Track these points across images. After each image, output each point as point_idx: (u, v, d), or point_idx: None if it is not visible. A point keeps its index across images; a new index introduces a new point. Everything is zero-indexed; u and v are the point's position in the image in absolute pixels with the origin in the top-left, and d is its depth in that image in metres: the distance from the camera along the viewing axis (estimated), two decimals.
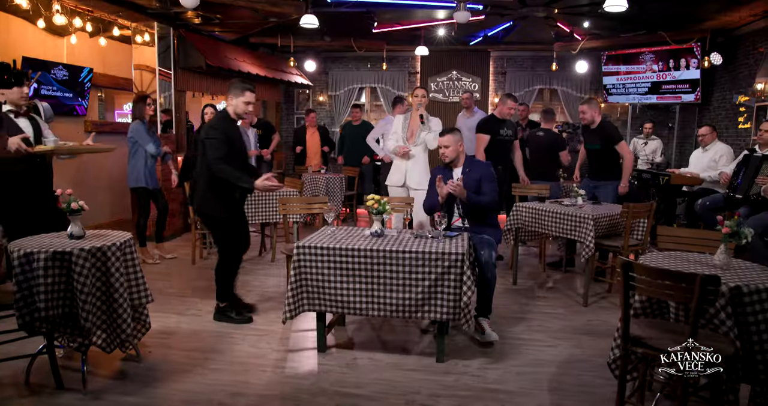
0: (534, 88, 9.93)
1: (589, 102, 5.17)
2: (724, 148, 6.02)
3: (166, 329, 3.67)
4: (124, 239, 2.91)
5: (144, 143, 5.09)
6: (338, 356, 3.32)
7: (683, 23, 7.43)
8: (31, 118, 4.01)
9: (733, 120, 7.44)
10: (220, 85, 7.23)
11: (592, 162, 5.43)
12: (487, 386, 2.97)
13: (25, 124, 3.93)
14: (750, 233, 2.50)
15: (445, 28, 7.83)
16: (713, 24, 7.20)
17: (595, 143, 5.20)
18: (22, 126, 3.88)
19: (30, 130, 3.91)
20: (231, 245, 3.85)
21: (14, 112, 3.91)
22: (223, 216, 3.76)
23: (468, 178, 3.77)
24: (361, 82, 10.29)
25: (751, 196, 4.91)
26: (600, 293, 4.70)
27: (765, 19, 6.67)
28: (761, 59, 6.74)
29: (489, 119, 5.63)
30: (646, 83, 8.67)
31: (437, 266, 3.09)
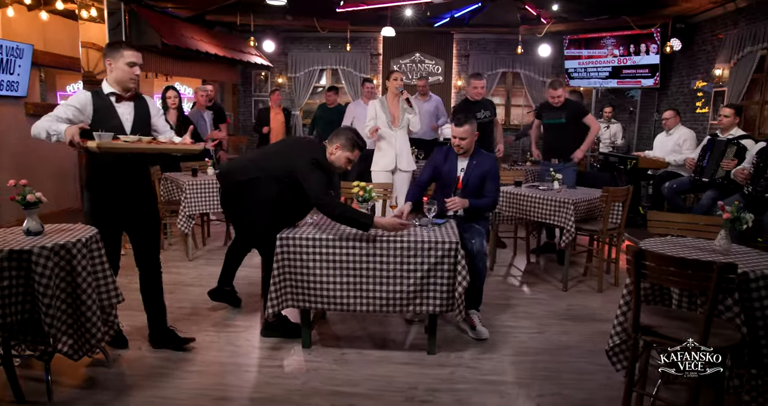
0: (497, 72, 9.92)
1: (562, 85, 5.13)
2: (688, 132, 6.15)
3: (133, 329, 3.39)
4: (90, 234, 2.62)
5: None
6: (325, 352, 3.16)
7: (646, 8, 7.53)
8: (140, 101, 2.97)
9: (690, 104, 7.64)
10: (176, 66, 6.80)
11: (553, 139, 5.28)
12: (484, 378, 2.89)
13: (128, 111, 2.88)
14: (750, 217, 2.49)
15: (413, 7, 7.64)
16: (675, 10, 7.33)
17: (559, 118, 5.11)
18: (122, 112, 2.86)
19: (130, 117, 2.88)
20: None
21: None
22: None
23: (473, 172, 3.63)
24: (321, 63, 9.99)
25: (717, 179, 5.03)
26: (576, 277, 4.72)
27: (723, 7, 6.83)
28: (720, 46, 6.91)
29: (462, 104, 5.53)
30: (607, 68, 8.79)
31: (430, 256, 2.96)
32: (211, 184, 4.88)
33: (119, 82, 2.82)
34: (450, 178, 3.70)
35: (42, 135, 2.59)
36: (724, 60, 6.67)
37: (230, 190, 3.33)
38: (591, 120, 5.17)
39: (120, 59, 2.78)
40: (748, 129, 6.20)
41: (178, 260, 5.00)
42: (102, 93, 2.82)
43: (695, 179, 5.30)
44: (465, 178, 3.67)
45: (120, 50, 2.78)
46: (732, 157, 4.88)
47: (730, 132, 5.19)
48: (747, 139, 5.05)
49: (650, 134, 8.67)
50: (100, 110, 2.77)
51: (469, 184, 3.65)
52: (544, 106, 5.29)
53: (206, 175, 5.15)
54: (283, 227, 3.15)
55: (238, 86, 9.67)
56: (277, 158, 3.26)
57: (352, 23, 8.81)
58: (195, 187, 4.85)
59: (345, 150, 3.23)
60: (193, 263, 4.92)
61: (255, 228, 3.28)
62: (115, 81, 2.82)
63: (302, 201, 3.21)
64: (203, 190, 4.88)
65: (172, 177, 5.24)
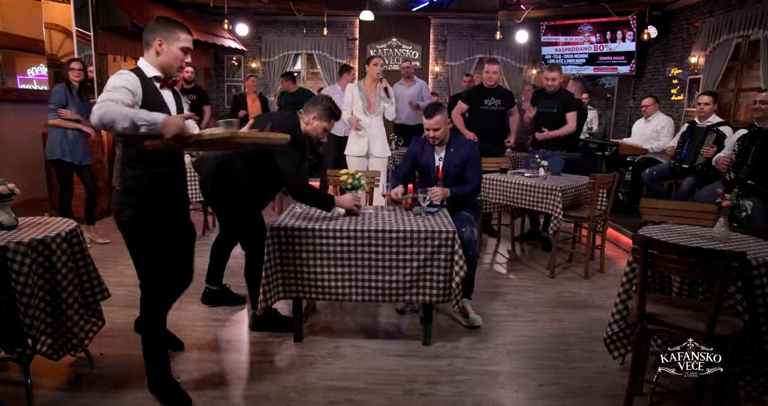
0: (474, 57, 9.87)
1: (559, 69, 5.09)
2: (666, 119, 6.23)
3: (113, 325, 3.22)
4: (70, 228, 2.46)
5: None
6: (318, 346, 3.07)
7: None
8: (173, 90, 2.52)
9: (666, 92, 7.74)
10: None
11: (543, 127, 5.22)
12: (483, 369, 2.85)
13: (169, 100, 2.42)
14: (750, 205, 2.50)
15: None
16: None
17: (551, 107, 5.10)
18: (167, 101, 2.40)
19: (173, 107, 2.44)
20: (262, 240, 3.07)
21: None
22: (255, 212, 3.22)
23: (452, 161, 3.56)
24: (296, 48, 9.74)
25: (696, 166, 5.10)
26: (561, 264, 4.73)
27: None
28: (695, 34, 7.00)
29: (474, 90, 5.56)
30: (584, 54, 8.84)
31: (426, 246, 2.89)
32: (188, 172, 4.68)
33: (165, 68, 2.32)
34: (429, 168, 3.64)
35: (123, 124, 2.03)
36: (700, 48, 6.76)
37: (207, 175, 3.20)
38: (571, 118, 5.06)
39: (175, 43, 2.30)
40: (723, 116, 6.31)
41: None
42: (144, 75, 2.28)
43: (675, 166, 5.36)
44: (444, 167, 3.60)
45: (177, 32, 2.31)
46: (711, 145, 4.95)
47: (708, 119, 5.26)
48: (724, 126, 5.13)
49: (626, 121, 8.78)
50: (148, 96, 2.25)
51: (450, 172, 3.59)
52: (540, 93, 5.25)
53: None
54: (259, 208, 3.16)
55: (210, 71, 9.36)
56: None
57: (329, 7, 8.60)
58: None
59: (322, 120, 3.12)
60: None
61: (234, 213, 3.17)
62: (161, 65, 2.31)
63: (276, 180, 3.13)
64: None
65: None
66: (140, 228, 2.32)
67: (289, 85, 7.42)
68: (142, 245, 2.34)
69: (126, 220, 2.31)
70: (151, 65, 2.31)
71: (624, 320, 2.68)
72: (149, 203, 2.32)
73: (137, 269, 2.40)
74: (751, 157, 4.09)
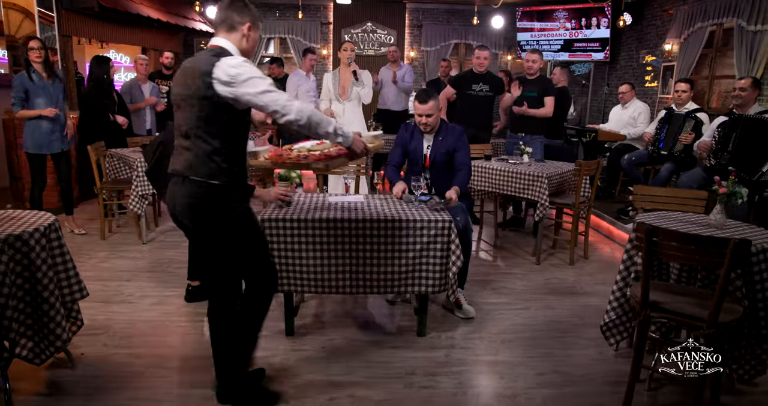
0: (450, 43, 9.78)
1: (540, 53, 5.08)
2: (642, 105, 6.31)
3: (94, 322, 3.07)
4: (49, 222, 2.29)
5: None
6: (310, 339, 2.99)
7: None
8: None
9: (640, 78, 7.83)
10: (114, 31, 6.18)
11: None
12: (480, 359, 2.83)
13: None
14: (746, 192, 2.51)
15: None
16: None
17: (532, 91, 5.08)
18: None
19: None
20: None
21: None
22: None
23: (439, 149, 3.48)
24: (269, 32, 9.46)
25: (675, 152, 5.17)
26: (546, 250, 4.75)
27: None
28: (670, 21, 7.07)
29: (464, 74, 5.50)
30: (559, 40, 8.86)
31: (422, 235, 2.82)
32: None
33: (245, 55, 2.13)
34: (417, 155, 3.56)
35: (327, 129, 2.07)
36: (674, 35, 6.84)
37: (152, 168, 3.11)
38: (548, 102, 5.04)
39: (256, 29, 2.14)
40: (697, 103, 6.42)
41: (131, 243, 4.62)
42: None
43: (653, 152, 5.43)
44: (432, 155, 3.53)
45: (258, 19, 2.16)
46: (689, 131, 5.02)
47: (685, 106, 5.33)
48: (701, 112, 5.21)
49: (600, 107, 8.88)
50: None
51: (436, 160, 3.52)
52: (521, 79, 5.22)
53: None
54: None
55: (180, 55, 9.00)
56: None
57: None
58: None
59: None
60: (148, 247, 4.56)
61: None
62: (243, 51, 2.12)
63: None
64: None
65: (119, 154, 4.81)
66: (251, 219, 2.20)
67: (280, 71, 7.22)
68: (253, 235, 2.21)
69: (228, 216, 2.13)
70: (236, 50, 2.10)
71: (621, 308, 2.68)
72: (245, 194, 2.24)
73: (246, 267, 2.23)
74: (732, 143, 4.16)
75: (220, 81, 1.96)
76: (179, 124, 2.11)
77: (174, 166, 2.13)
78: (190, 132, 2.05)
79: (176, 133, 2.14)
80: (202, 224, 2.11)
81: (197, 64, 2.02)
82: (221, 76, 1.95)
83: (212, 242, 2.17)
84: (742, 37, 5.60)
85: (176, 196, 2.11)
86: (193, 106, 2.02)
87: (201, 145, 2.04)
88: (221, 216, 2.10)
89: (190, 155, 2.06)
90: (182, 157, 2.09)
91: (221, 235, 2.13)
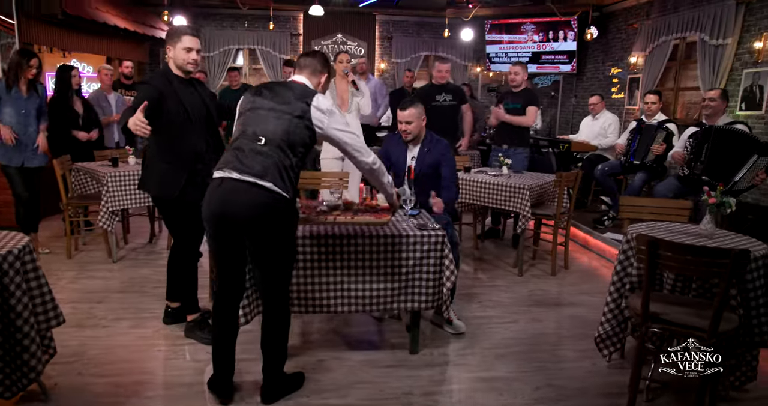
0: (420, 55, 9.84)
1: (522, 64, 5.13)
2: (612, 117, 6.45)
3: (66, 349, 2.87)
4: (22, 244, 2.13)
5: None
6: (300, 360, 2.88)
7: None
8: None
9: (606, 90, 8.04)
10: (78, 40, 5.94)
11: (506, 124, 5.17)
12: (476, 375, 2.77)
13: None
14: (733, 201, 2.56)
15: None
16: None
17: (516, 103, 5.11)
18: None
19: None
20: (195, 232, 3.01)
21: None
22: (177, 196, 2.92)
23: (425, 161, 3.44)
24: (238, 42, 9.31)
25: (647, 162, 5.29)
26: (526, 261, 4.76)
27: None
28: (635, 35, 7.30)
29: (424, 87, 5.49)
30: (527, 53, 9.03)
31: (416, 251, 2.77)
32: (134, 175, 4.31)
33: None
34: (399, 167, 3.51)
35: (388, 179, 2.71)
36: (639, 48, 7.06)
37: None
38: (530, 112, 5.08)
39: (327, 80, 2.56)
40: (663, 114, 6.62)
41: (100, 262, 4.41)
42: None
43: (625, 162, 5.54)
44: (417, 167, 3.49)
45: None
46: (661, 142, 5.15)
47: (655, 117, 5.47)
48: (670, 123, 5.35)
49: (569, 118, 9.07)
50: None
51: (422, 173, 3.48)
52: (507, 92, 5.28)
53: (128, 166, 4.56)
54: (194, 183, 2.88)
55: (145, 66, 8.76)
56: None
57: (275, 1, 8.27)
58: (117, 179, 4.27)
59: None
60: (119, 265, 4.36)
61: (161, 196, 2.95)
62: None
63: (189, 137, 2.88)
64: (126, 182, 4.31)
65: (86, 168, 4.58)
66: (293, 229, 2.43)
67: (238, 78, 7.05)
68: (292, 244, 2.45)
69: (287, 229, 2.34)
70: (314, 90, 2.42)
71: (616, 319, 2.69)
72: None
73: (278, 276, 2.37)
74: (704, 154, 4.27)
75: (318, 108, 2.27)
76: (252, 129, 2.26)
77: (238, 165, 2.20)
78: (272, 141, 2.22)
79: (244, 136, 2.27)
80: (268, 230, 2.24)
81: (295, 87, 2.34)
82: (320, 105, 2.28)
83: (270, 250, 2.29)
84: (705, 50, 5.81)
85: (240, 199, 2.18)
86: (281, 120, 2.24)
87: (281, 156, 2.22)
88: (286, 227, 2.31)
89: (268, 162, 2.20)
90: (256, 160, 2.20)
91: (281, 244, 2.31)
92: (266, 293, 2.40)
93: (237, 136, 2.32)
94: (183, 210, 2.94)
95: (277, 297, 2.39)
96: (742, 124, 4.27)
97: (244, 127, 2.30)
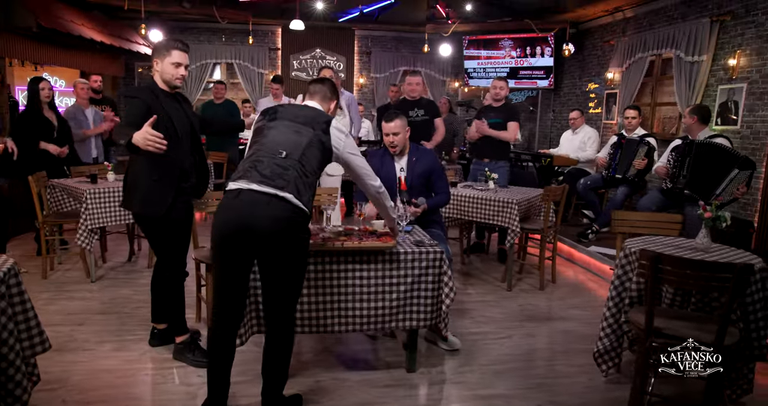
0: (398, 70, 9.88)
1: (505, 80, 5.18)
2: (592, 131, 6.57)
3: (48, 375, 2.72)
4: (7, 266, 2.02)
5: None
6: (296, 381, 2.79)
7: (545, 13, 7.93)
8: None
9: (583, 105, 8.20)
10: (52, 53, 5.78)
11: (487, 138, 5.15)
12: (476, 394, 2.73)
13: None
14: (728, 216, 2.60)
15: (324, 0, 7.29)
16: (571, 16, 7.80)
17: (498, 118, 5.13)
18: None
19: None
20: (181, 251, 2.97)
21: None
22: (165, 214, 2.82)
23: (415, 170, 3.44)
24: (215, 56, 9.21)
25: (629, 176, 5.38)
26: (513, 275, 4.74)
27: (612, 16, 7.41)
28: (611, 51, 7.48)
29: (397, 103, 5.43)
30: (505, 68, 9.16)
31: (414, 268, 2.73)
32: (114, 192, 4.18)
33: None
34: (389, 180, 3.48)
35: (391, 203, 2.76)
36: (616, 64, 7.22)
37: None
38: (511, 128, 5.11)
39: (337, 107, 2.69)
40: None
41: (78, 282, 4.24)
42: None
43: (607, 176, 5.63)
44: (409, 178, 3.48)
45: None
46: (642, 157, 5.25)
47: (635, 132, 5.59)
48: (650, 137, 5.47)
49: (547, 133, 9.21)
50: None
51: (415, 184, 3.47)
52: (487, 107, 5.29)
53: (107, 182, 4.42)
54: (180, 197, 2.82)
55: (119, 80, 8.58)
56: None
57: (254, 15, 8.22)
58: (97, 196, 4.12)
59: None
60: (98, 285, 4.19)
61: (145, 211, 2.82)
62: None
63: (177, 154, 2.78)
64: (106, 199, 4.17)
65: (63, 184, 4.42)
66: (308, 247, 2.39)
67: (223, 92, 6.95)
68: (306, 262, 2.44)
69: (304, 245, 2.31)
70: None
71: (615, 334, 2.69)
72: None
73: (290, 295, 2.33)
74: (687, 168, 4.36)
75: (338, 129, 2.35)
76: (273, 142, 2.26)
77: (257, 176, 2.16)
78: (292, 155, 2.22)
79: (264, 148, 2.25)
80: (287, 245, 2.19)
81: (315, 110, 2.42)
82: (339, 126, 2.37)
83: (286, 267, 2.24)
84: (681, 67, 5.97)
85: (261, 211, 2.12)
86: (302, 135, 2.27)
87: (300, 171, 2.22)
88: (304, 244, 2.29)
89: (288, 174, 2.18)
90: (275, 171, 2.17)
91: (297, 261, 2.28)
92: (274, 313, 2.33)
93: (255, 150, 2.28)
94: (169, 228, 2.85)
95: (284, 317, 2.33)
96: (723, 138, 4.37)
97: (263, 140, 2.28)
